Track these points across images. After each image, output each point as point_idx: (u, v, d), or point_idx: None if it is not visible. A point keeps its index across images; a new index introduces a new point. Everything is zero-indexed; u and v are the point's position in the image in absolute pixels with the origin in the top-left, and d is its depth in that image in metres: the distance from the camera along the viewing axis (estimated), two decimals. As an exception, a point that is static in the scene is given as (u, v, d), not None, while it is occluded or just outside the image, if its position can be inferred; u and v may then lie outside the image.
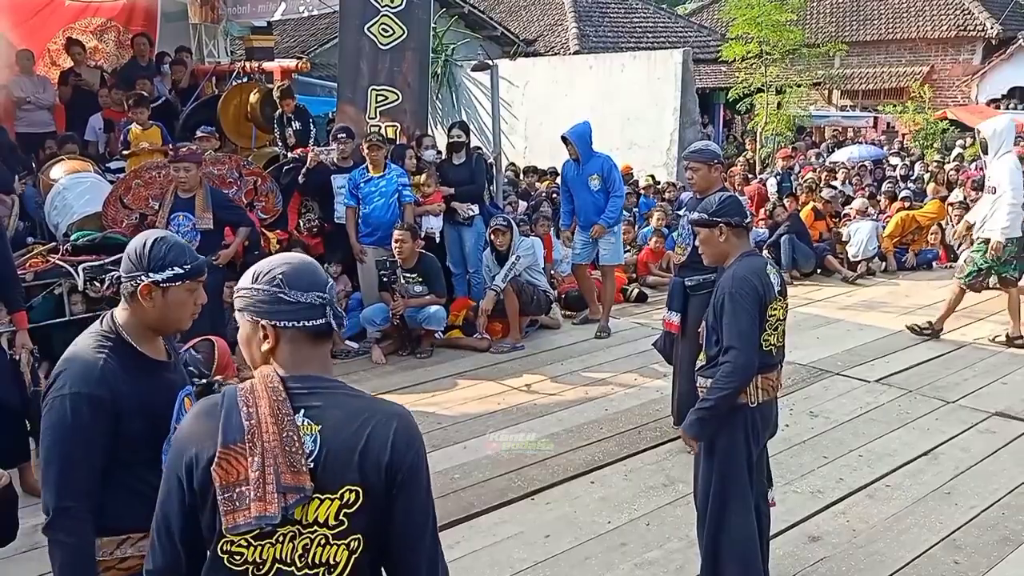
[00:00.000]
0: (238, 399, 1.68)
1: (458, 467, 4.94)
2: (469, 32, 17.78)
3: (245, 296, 1.76)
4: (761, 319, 3.17)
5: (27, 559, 3.94)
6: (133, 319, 2.23)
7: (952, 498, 4.48)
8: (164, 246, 2.21)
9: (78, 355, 2.16)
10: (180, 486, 1.69)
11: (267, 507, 1.60)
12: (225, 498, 1.62)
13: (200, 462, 1.66)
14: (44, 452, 2.13)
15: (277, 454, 1.62)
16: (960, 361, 6.75)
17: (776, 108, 17.09)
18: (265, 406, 1.65)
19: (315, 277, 1.77)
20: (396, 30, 8.20)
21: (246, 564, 1.66)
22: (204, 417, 1.71)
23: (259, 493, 1.60)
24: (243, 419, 1.65)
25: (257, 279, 1.75)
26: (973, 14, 23.23)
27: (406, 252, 6.94)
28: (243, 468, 1.63)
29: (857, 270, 9.86)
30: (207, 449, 1.66)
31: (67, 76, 9.36)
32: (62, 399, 2.10)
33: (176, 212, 6.14)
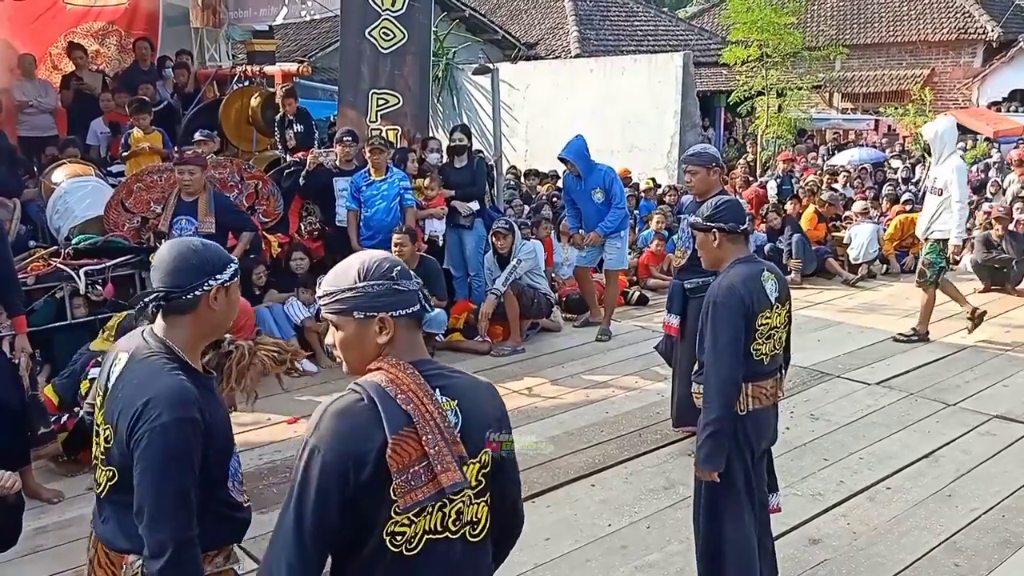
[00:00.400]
0: (385, 391, 1.75)
1: (459, 470, 4.94)
2: (470, 35, 17.81)
3: (354, 295, 1.81)
4: (749, 329, 3.10)
5: (28, 562, 3.95)
6: (188, 332, 2.13)
7: (953, 501, 4.48)
8: (208, 248, 2.19)
9: (158, 379, 2.03)
10: (342, 486, 1.71)
11: (453, 475, 1.73)
12: (401, 481, 1.71)
13: (366, 457, 1.71)
14: (152, 486, 1.96)
15: (443, 429, 1.75)
16: (961, 364, 6.75)
17: (777, 111, 17.09)
18: (416, 389, 1.76)
19: (403, 266, 1.88)
20: (397, 34, 8.21)
21: (405, 542, 1.75)
22: (347, 416, 1.75)
23: (442, 465, 1.72)
24: (401, 405, 1.73)
25: (366, 276, 1.81)
26: (974, 17, 23.26)
27: (406, 255, 6.92)
28: (415, 450, 1.72)
29: (858, 273, 9.87)
30: (370, 442, 1.71)
31: (69, 80, 9.37)
32: (164, 428, 1.96)
33: (179, 216, 6.08)
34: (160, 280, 2.10)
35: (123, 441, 2.01)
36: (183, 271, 2.10)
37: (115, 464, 2.06)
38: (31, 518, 4.28)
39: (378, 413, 1.73)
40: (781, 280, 3.26)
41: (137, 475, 1.98)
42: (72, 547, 4.06)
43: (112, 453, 2.06)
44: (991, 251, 9.21)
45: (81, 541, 3.91)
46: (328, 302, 1.85)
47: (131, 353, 2.10)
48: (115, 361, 2.13)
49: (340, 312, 1.83)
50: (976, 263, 9.36)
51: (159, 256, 2.14)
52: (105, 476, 2.09)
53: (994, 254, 9.18)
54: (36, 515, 4.30)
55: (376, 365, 1.81)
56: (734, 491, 3.17)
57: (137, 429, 1.98)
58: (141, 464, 1.97)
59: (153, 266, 2.13)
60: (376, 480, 1.71)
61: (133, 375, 2.06)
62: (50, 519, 4.39)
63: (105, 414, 2.09)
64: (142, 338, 2.13)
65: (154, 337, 2.11)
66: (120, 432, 2.02)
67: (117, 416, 2.03)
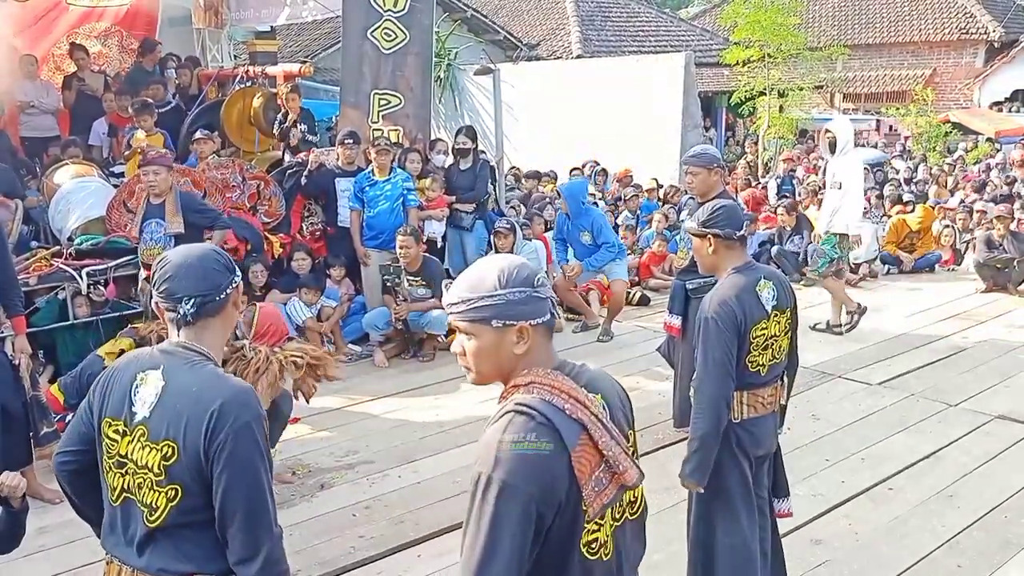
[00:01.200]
0: (553, 404, 1.72)
1: (461, 470, 4.94)
2: (472, 36, 17.81)
3: (494, 303, 1.74)
4: (742, 343, 3.05)
5: (29, 562, 3.96)
6: (218, 335, 2.14)
7: (954, 501, 4.48)
8: (220, 250, 2.23)
9: (221, 383, 2.02)
10: (541, 517, 1.66)
11: (632, 473, 1.75)
12: (588, 491, 1.70)
13: (560, 480, 1.68)
14: (248, 486, 1.95)
15: (610, 429, 1.76)
16: (962, 364, 6.75)
17: (778, 112, 17.10)
18: (577, 395, 1.75)
19: (535, 273, 1.82)
20: (399, 34, 8.22)
21: (599, 548, 1.77)
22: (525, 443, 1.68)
23: (622, 465, 1.74)
24: (571, 416, 1.71)
25: (506, 284, 1.74)
26: (975, 17, 23.24)
27: (411, 256, 6.95)
28: (594, 456, 1.72)
29: (859, 273, 9.86)
30: (558, 465, 1.68)
31: (71, 81, 9.38)
32: (248, 427, 1.97)
33: (148, 219, 5.98)
34: (192, 286, 2.05)
35: (197, 452, 1.94)
36: (215, 272, 2.10)
37: (180, 480, 1.96)
38: (33, 518, 4.25)
39: (556, 431, 1.68)
40: (781, 287, 3.18)
41: (225, 479, 1.94)
42: (73, 547, 4.08)
43: (175, 470, 1.96)
44: (993, 251, 9.21)
45: (82, 541, 3.93)
46: (463, 310, 1.77)
47: (165, 367, 2.03)
48: (140, 383, 2.03)
49: (477, 320, 1.76)
50: (978, 263, 9.35)
51: (177, 264, 2.08)
52: (164, 498, 1.98)
53: (996, 254, 9.17)
54: (38, 515, 4.29)
55: (526, 380, 1.76)
56: (728, 497, 3.14)
57: (218, 433, 1.93)
58: (231, 467, 1.94)
59: (170, 276, 2.06)
60: (570, 497, 1.69)
61: (185, 385, 2.00)
62: (52, 519, 4.39)
63: (153, 433, 1.98)
64: (168, 350, 2.07)
65: (185, 346, 2.07)
66: (190, 443, 1.94)
67: (183, 429, 1.95)
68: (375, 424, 5.71)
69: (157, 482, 1.98)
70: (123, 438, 2.03)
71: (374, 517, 4.42)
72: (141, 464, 2.00)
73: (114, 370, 2.13)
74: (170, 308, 2.08)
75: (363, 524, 4.36)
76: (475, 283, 1.77)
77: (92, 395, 2.14)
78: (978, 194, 12.69)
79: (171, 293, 2.06)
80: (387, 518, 4.40)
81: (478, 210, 8.01)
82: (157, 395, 2.00)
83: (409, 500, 4.58)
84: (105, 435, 2.06)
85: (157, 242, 5.93)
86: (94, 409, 2.11)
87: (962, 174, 14.76)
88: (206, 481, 1.96)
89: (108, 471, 2.07)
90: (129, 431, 2.02)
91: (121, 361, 2.16)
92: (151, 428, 1.99)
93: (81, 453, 2.16)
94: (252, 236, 7.28)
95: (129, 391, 2.04)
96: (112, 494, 2.06)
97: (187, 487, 1.97)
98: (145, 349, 2.15)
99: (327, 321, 7.13)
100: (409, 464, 5.07)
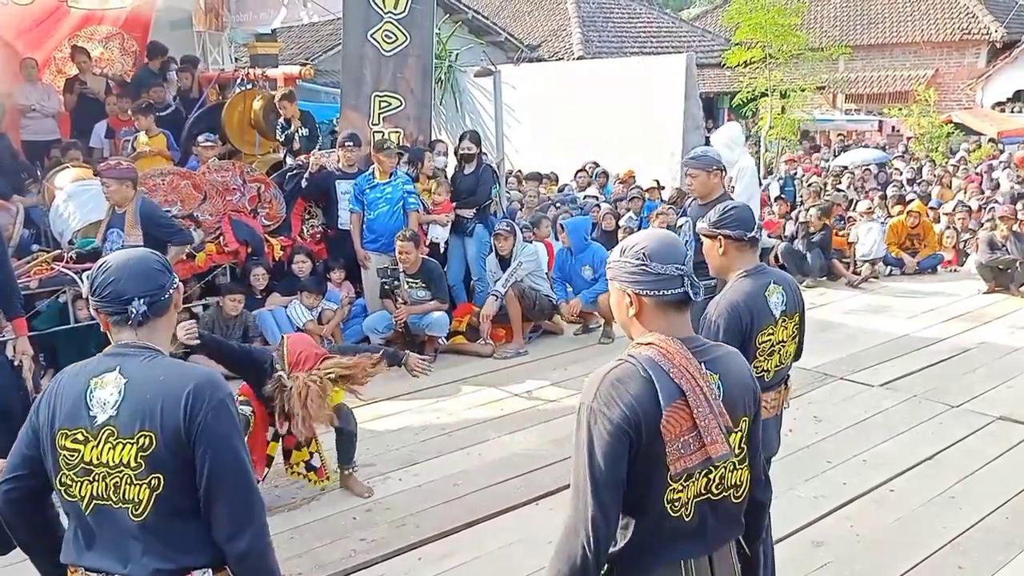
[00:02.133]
0: (659, 364, 1.89)
1: (462, 473, 4.94)
2: (473, 38, 17.80)
3: (615, 266, 2.02)
4: (747, 347, 3.02)
5: (26, 568, 3.94)
6: (164, 335, 2.20)
7: (956, 503, 4.46)
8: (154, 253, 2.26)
9: (186, 369, 2.11)
10: (627, 446, 1.86)
11: (721, 447, 1.88)
12: (673, 449, 1.86)
13: (646, 422, 1.86)
14: (232, 457, 2.01)
15: (711, 402, 1.89)
16: (964, 366, 6.73)
17: (780, 112, 17.08)
18: (687, 364, 1.90)
19: (675, 250, 2.00)
20: (399, 36, 8.22)
21: (682, 509, 1.93)
22: (627, 383, 1.88)
23: (711, 436, 1.87)
24: (674, 379, 1.88)
25: (624, 252, 2.00)
26: (977, 17, 23.23)
27: (410, 260, 6.95)
28: (686, 421, 1.87)
29: (862, 274, 9.85)
30: (649, 409, 1.86)
31: (72, 84, 9.39)
32: (223, 403, 2.05)
33: (111, 228, 5.89)
34: (139, 287, 2.06)
35: (177, 434, 1.97)
36: (157, 272, 2.12)
37: (162, 468, 1.97)
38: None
39: (653, 384, 1.87)
40: (790, 291, 3.17)
41: (210, 456, 1.98)
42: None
43: (155, 459, 1.97)
44: (995, 252, 9.19)
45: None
46: (608, 266, 2.05)
47: (121, 366, 2.03)
48: (94, 387, 2.02)
49: (610, 278, 2.04)
50: (980, 264, 9.34)
51: (120, 267, 2.08)
52: (148, 488, 1.98)
53: (998, 255, 9.16)
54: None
55: (648, 340, 1.95)
56: None
57: (197, 412, 1.97)
58: (213, 443, 1.98)
59: (113, 279, 2.06)
60: (652, 446, 1.86)
61: (151, 376, 2.02)
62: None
63: (124, 430, 1.98)
64: (119, 351, 2.07)
65: (136, 345, 2.07)
66: (169, 428, 1.96)
67: (159, 416, 1.97)
68: (376, 427, 5.70)
69: (137, 475, 1.98)
70: (85, 445, 2.01)
71: (375, 520, 4.41)
72: (114, 464, 1.99)
73: (56, 384, 2.11)
74: (116, 311, 2.07)
75: (364, 527, 4.35)
76: (618, 249, 2.05)
77: (35, 415, 2.11)
78: (988, 192, 12.62)
79: (118, 295, 2.06)
80: (388, 521, 4.39)
81: (480, 213, 8.00)
82: (121, 393, 2.00)
83: (410, 503, 4.57)
84: (61, 447, 2.03)
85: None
86: (41, 426, 2.08)
87: (964, 175, 14.73)
88: (188, 463, 1.98)
89: (70, 484, 2.03)
90: (92, 436, 2.00)
91: (62, 375, 2.13)
92: (120, 426, 1.99)
93: (29, 477, 2.11)
94: (253, 239, 7.29)
95: (84, 398, 2.02)
96: (81, 504, 2.02)
97: (169, 474, 1.98)
98: (89, 359, 2.13)
99: (328, 324, 7.12)
100: (410, 467, 5.06)
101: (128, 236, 5.75)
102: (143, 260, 2.13)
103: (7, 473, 2.14)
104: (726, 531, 2.03)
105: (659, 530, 1.93)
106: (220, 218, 7.23)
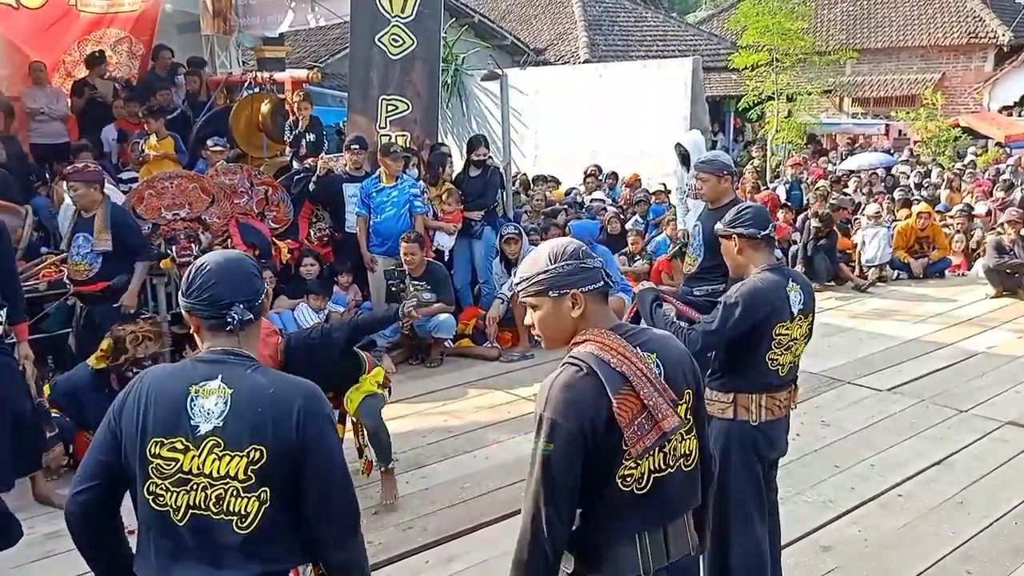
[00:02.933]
0: (600, 358, 1.97)
1: (468, 476, 4.95)
2: (479, 41, 17.83)
3: (547, 276, 2.04)
4: (764, 336, 3.08)
5: (40, 568, 3.96)
6: (255, 340, 2.17)
7: (965, 508, 4.45)
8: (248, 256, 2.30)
9: (291, 381, 2.07)
10: (582, 449, 1.95)
11: (672, 420, 1.98)
12: (631, 432, 1.95)
13: (598, 419, 1.94)
14: (338, 467, 2.03)
15: (654, 381, 1.98)
16: (972, 370, 6.71)
17: (787, 116, 17.05)
18: (624, 351, 1.99)
19: (586, 247, 2.09)
20: (406, 40, 8.24)
21: (634, 483, 2.00)
22: (574, 387, 1.97)
23: (662, 413, 1.96)
24: (616, 368, 1.96)
25: (555, 259, 2.04)
26: (984, 21, 23.17)
27: (415, 263, 6.96)
28: (635, 404, 1.96)
29: (869, 277, 9.83)
30: (599, 406, 1.94)
31: (80, 87, 9.44)
32: (329, 417, 2.08)
33: (78, 232, 5.68)
34: (238, 292, 2.03)
35: (289, 450, 1.95)
36: (254, 277, 2.09)
37: (270, 482, 1.95)
38: (43, 523, 4.31)
39: (599, 379, 1.94)
40: (807, 291, 3.21)
41: (319, 470, 1.99)
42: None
43: (264, 472, 1.94)
44: (1003, 256, 9.16)
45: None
46: (525, 286, 2.07)
47: (223, 375, 1.99)
48: (196, 395, 1.97)
49: (536, 293, 2.06)
50: (988, 268, 9.31)
51: (219, 270, 2.04)
52: (256, 502, 1.94)
53: (1006, 259, 9.13)
54: (48, 520, 4.32)
55: (583, 338, 2.03)
56: (742, 502, 3.14)
57: (308, 428, 1.97)
58: (323, 457, 2.00)
59: (213, 283, 2.01)
60: (609, 437, 1.95)
61: (258, 388, 1.99)
62: (62, 524, 4.38)
63: (232, 441, 1.94)
64: (217, 358, 2.02)
65: (233, 352, 2.03)
66: (280, 443, 1.94)
67: (270, 430, 1.94)
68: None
69: (245, 488, 1.94)
70: (185, 454, 1.95)
71: (382, 523, 4.41)
72: (219, 475, 1.94)
73: (140, 389, 2.02)
74: (213, 315, 2.02)
75: (371, 530, 4.34)
76: (531, 264, 2.08)
77: (116, 421, 2.03)
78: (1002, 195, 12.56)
79: (216, 300, 2.01)
80: (395, 524, 4.40)
81: (486, 216, 8.02)
82: (227, 404, 1.96)
83: (417, 506, 4.57)
84: (154, 456, 1.96)
85: (84, 258, 5.64)
86: (126, 433, 2.00)
87: (973, 179, 14.67)
88: (293, 478, 1.97)
89: (162, 493, 1.97)
90: (193, 445, 1.95)
91: (144, 380, 2.04)
92: (227, 437, 1.94)
93: (104, 486, 2.05)
94: (260, 242, 7.30)
95: (184, 406, 1.97)
96: (173, 514, 1.96)
97: (276, 487, 1.96)
98: (181, 362, 2.09)
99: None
100: (417, 469, 5.07)
101: (98, 241, 5.60)
102: (241, 264, 2.10)
103: (82, 482, 2.06)
104: (680, 502, 2.11)
105: (612, 509, 2.02)
106: (228, 221, 7.24)
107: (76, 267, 5.71)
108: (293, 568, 2.04)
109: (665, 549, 2.06)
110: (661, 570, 2.05)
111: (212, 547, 1.96)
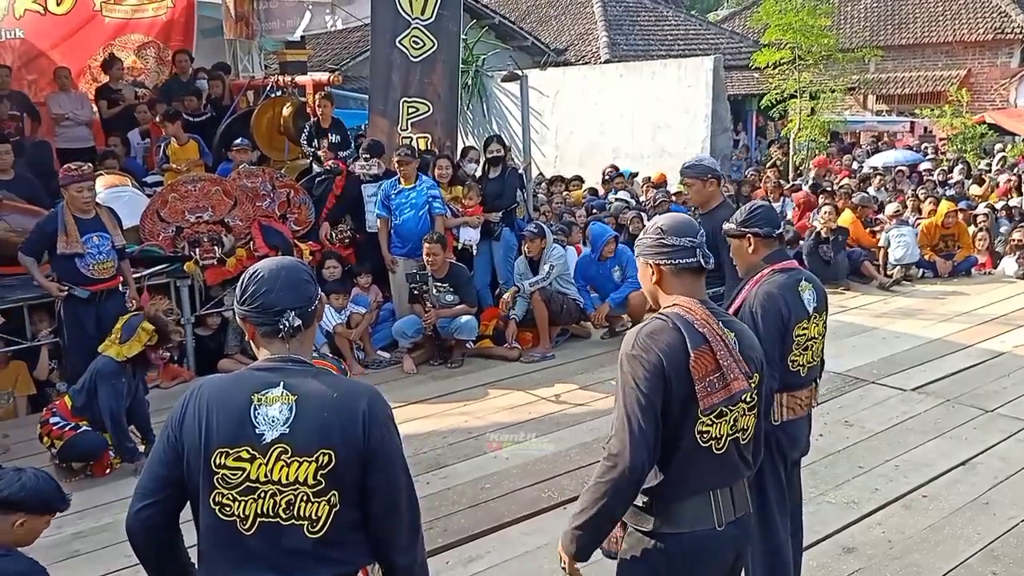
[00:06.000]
0: (684, 317, 2.23)
1: (488, 476, 4.95)
2: (499, 42, 17.83)
3: (640, 245, 2.38)
4: (785, 339, 3.08)
5: (64, 567, 4.01)
6: (310, 346, 2.17)
7: (990, 508, 4.40)
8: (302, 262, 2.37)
9: (353, 385, 2.11)
10: (663, 384, 2.17)
11: (741, 383, 2.21)
12: (701, 387, 2.18)
13: (678, 365, 2.18)
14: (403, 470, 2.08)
15: (730, 348, 2.23)
16: (998, 369, 6.63)
17: (810, 114, 16.91)
18: (707, 318, 2.24)
19: (688, 226, 2.33)
20: (427, 42, 8.27)
21: (711, 441, 2.24)
22: (661, 334, 2.21)
23: (733, 375, 2.20)
24: (697, 329, 2.21)
25: (647, 232, 2.37)
26: (1010, 16, 22.86)
27: (438, 263, 6.99)
28: (710, 363, 2.20)
29: (893, 276, 9.73)
30: (680, 354, 2.18)
31: (104, 91, 9.54)
32: (392, 419, 2.12)
33: (88, 234, 5.75)
34: (292, 298, 2.03)
35: (358, 453, 1.98)
36: (307, 284, 2.10)
37: (339, 486, 1.97)
38: (67, 524, 4.36)
39: (682, 334, 2.20)
40: (819, 290, 3.22)
41: (386, 473, 2.03)
42: (106, 552, 4.13)
43: (334, 477, 1.96)
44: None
45: (116, 547, 3.98)
46: (636, 245, 2.42)
47: (285, 382, 1.99)
48: (259, 403, 1.97)
49: (637, 255, 2.40)
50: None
51: (273, 277, 2.04)
52: (327, 505, 1.97)
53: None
54: (72, 521, 4.38)
55: (673, 301, 2.29)
56: (766, 502, 3.14)
57: (374, 431, 2.00)
58: (389, 460, 2.04)
59: (266, 290, 2.02)
60: (685, 386, 2.18)
61: (323, 394, 2.00)
62: (86, 524, 4.46)
63: (300, 448, 1.95)
64: (276, 366, 2.02)
65: (292, 359, 2.04)
66: (349, 447, 1.97)
67: (338, 435, 1.96)
68: (404, 430, 5.67)
69: (315, 493, 1.96)
70: (252, 463, 1.95)
71: (403, 523, 4.42)
72: (288, 482, 1.95)
73: (199, 398, 2.02)
74: (267, 322, 2.03)
75: (392, 530, 4.36)
76: (643, 230, 2.41)
77: (176, 433, 2.02)
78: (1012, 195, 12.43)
79: (270, 306, 2.02)
80: (416, 524, 4.41)
81: (506, 218, 8.02)
82: (292, 410, 1.97)
83: (438, 506, 4.58)
84: (220, 467, 1.96)
85: (107, 256, 5.81)
86: (188, 445, 2.00)
87: (1003, 176, 14.49)
88: (360, 479, 2.00)
89: (229, 503, 1.96)
90: (260, 453, 1.95)
91: (208, 389, 2.04)
92: (295, 444, 1.95)
93: (165, 500, 2.05)
94: (283, 244, 7.35)
95: (248, 415, 1.97)
96: (241, 523, 1.96)
97: (344, 490, 1.98)
98: (239, 371, 2.10)
99: (356, 328, 7.16)
100: (438, 470, 5.08)
101: (115, 237, 5.88)
102: (295, 270, 2.10)
103: (143, 498, 2.05)
104: (742, 468, 2.35)
105: (692, 463, 2.23)
106: (250, 224, 7.31)
107: (102, 265, 5.84)
108: (362, 568, 2.06)
109: (733, 505, 2.30)
110: (730, 524, 2.29)
111: (282, 553, 1.97)
